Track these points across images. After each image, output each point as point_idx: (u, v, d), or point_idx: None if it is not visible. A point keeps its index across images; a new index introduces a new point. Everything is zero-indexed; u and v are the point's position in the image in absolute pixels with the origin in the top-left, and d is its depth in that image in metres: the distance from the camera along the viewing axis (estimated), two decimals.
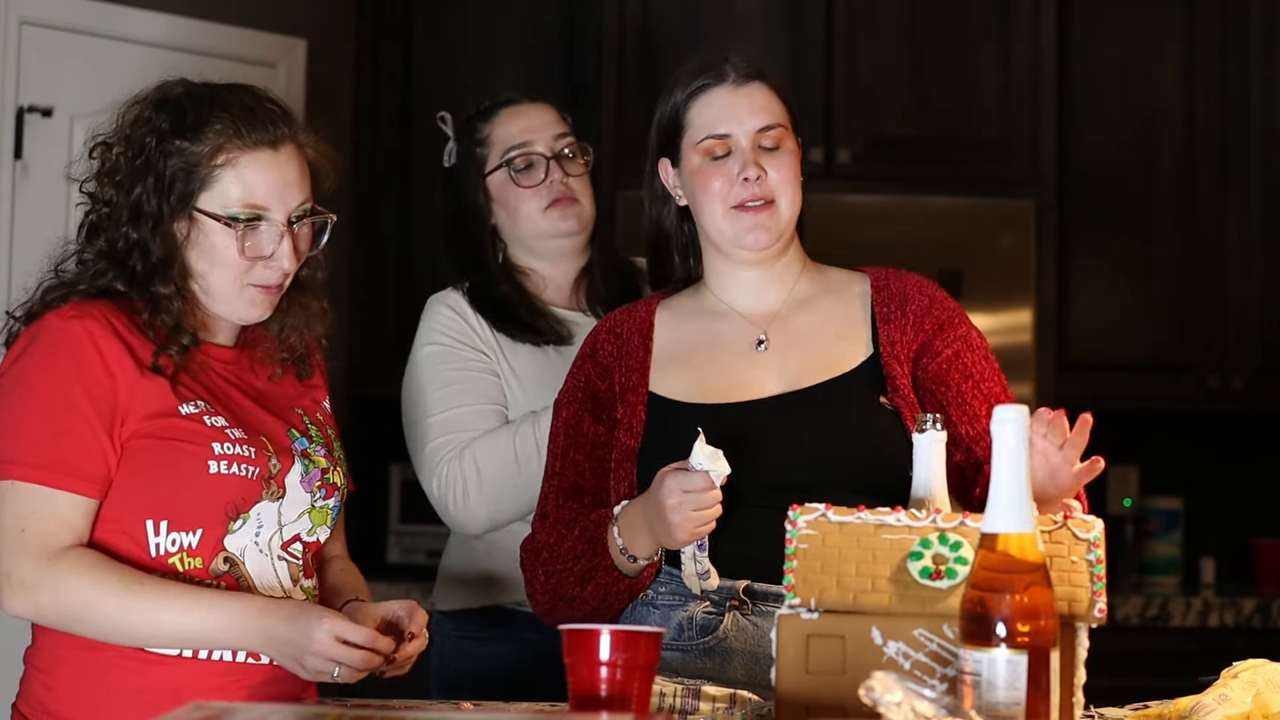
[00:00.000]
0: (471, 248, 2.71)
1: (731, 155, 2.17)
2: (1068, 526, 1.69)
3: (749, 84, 2.18)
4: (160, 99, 2.09)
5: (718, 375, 2.18)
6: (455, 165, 2.74)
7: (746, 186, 2.15)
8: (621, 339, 2.24)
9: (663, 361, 2.21)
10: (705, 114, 2.18)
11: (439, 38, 4.48)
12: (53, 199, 3.70)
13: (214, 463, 2.00)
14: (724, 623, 2.09)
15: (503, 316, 2.65)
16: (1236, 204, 4.54)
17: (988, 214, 4.26)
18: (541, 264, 2.71)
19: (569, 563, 2.12)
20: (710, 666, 2.07)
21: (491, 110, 2.73)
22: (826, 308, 2.23)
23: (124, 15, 3.80)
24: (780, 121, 2.19)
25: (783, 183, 2.17)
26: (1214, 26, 4.56)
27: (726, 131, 2.17)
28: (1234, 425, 4.81)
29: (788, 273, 2.24)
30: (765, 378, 2.17)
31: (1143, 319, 4.53)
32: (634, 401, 2.17)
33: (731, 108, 2.17)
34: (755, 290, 2.22)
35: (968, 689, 1.47)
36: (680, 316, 2.26)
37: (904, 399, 2.15)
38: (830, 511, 1.71)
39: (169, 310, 2.03)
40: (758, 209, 2.16)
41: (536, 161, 2.66)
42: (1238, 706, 1.76)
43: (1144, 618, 4.18)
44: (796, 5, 4.41)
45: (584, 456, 2.19)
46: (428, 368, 2.66)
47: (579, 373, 2.25)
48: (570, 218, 2.66)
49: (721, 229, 2.18)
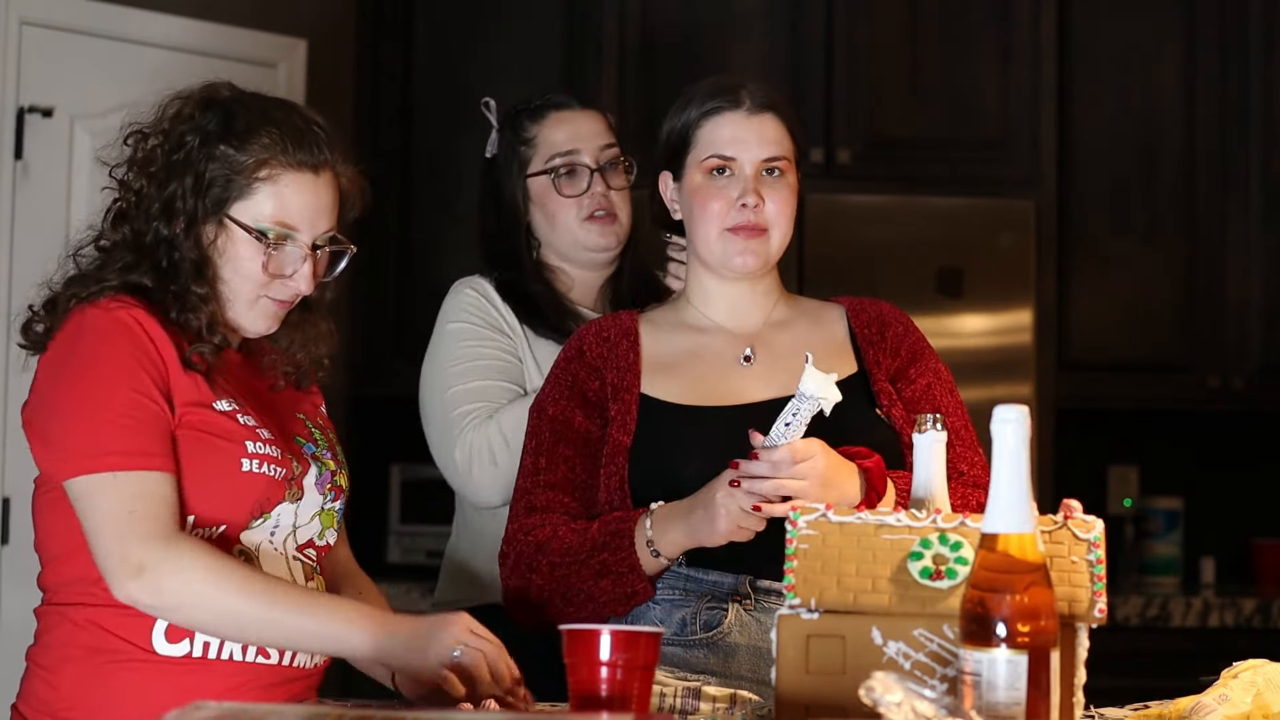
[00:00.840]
0: (506, 242, 2.70)
1: (733, 178, 2.20)
2: (1068, 526, 1.69)
3: (762, 114, 2.22)
4: (206, 99, 2.09)
5: (709, 383, 2.21)
6: (497, 157, 2.73)
7: (743, 212, 2.19)
8: (610, 342, 2.25)
9: (652, 368, 2.23)
10: (715, 135, 2.22)
11: (439, 38, 4.48)
12: (53, 199, 3.70)
13: (246, 461, 2.00)
14: (728, 618, 2.09)
15: (530, 311, 2.65)
16: (1236, 204, 4.54)
17: (988, 214, 4.25)
18: (572, 267, 2.71)
19: (585, 555, 2.11)
20: (715, 662, 2.08)
21: (541, 111, 2.71)
22: (805, 330, 2.28)
23: (124, 15, 3.80)
24: (786, 155, 2.23)
25: (778, 214, 2.21)
26: (1214, 26, 4.56)
27: (733, 155, 2.20)
28: (1234, 425, 4.81)
29: (767, 297, 2.29)
30: (756, 388, 2.20)
31: (1143, 319, 4.53)
32: (628, 400, 2.19)
33: (742, 133, 2.21)
34: (737, 308, 2.27)
35: (968, 689, 1.47)
36: (662, 329, 2.29)
37: (898, 414, 2.21)
38: (830, 511, 1.71)
39: (201, 309, 2.03)
40: (750, 234, 2.19)
41: (580, 171, 2.65)
42: (1238, 706, 1.76)
43: (1144, 618, 4.18)
44: (796, 5, 4.41)
45: (574, 451, 2.19)
46: (452, 342, 2.64)
47: (564, 374, 2.26)
48: (608, 234, 2.66)
49: (713, 249, 2.22)
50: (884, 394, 2.22)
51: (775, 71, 4.39)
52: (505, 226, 2.70)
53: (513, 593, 2.19)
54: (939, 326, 4.11)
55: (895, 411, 2.21)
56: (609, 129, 2.73)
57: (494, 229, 2.73)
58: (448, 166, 4.42)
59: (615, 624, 1.89)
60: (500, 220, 2.71)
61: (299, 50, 4.11)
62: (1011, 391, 4.07)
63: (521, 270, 2.68)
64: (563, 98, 2.73)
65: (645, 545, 2.07)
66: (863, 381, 2.22)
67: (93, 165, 3.76)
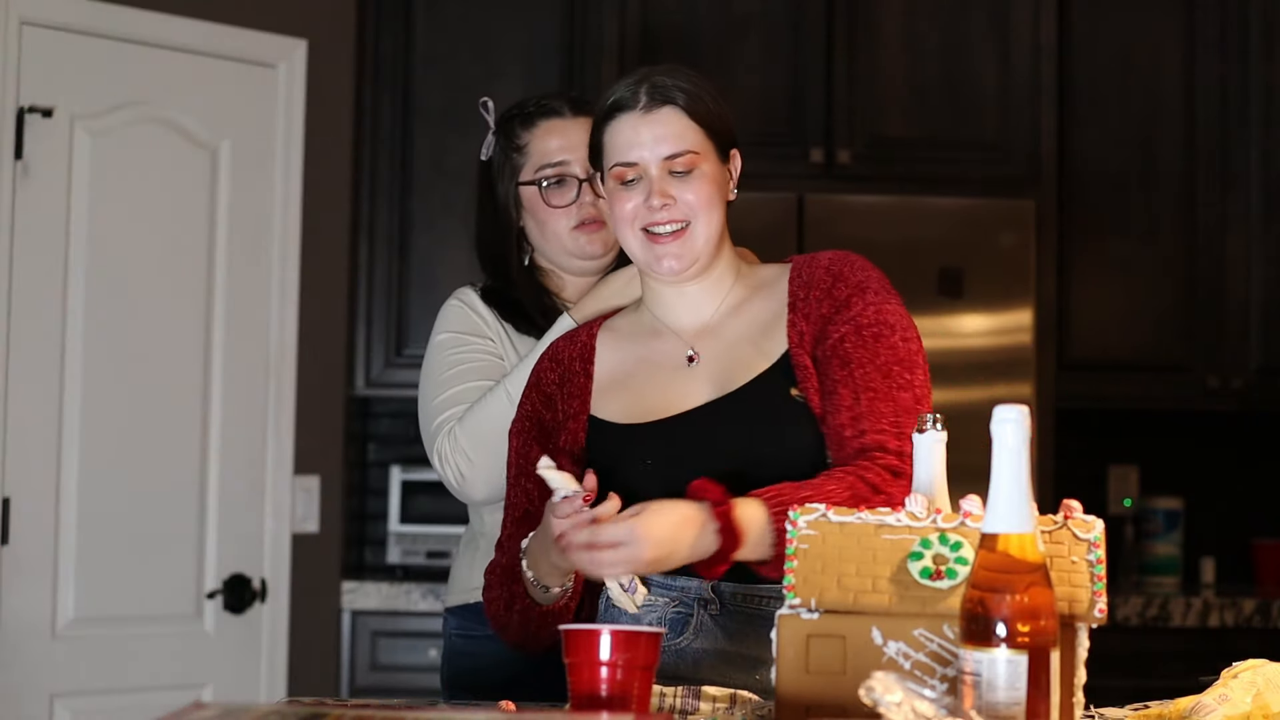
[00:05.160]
0: (497, 246, 2.71)
1: (640, 181, 2.14)
2: (1068, 526, 1.69)
3: (659, 109, 2.13)
4: None
5: (652, 394, 2.17)
6: (492, 160, 2.73)
7: (652, 212, 2.13)
8: (562, 366, 2.24)
9: (603, 386, 2.21)
10: (615, 140, 2.15)
11: (439, 38, 4.48)
12: (53, 199, 3.70)
13: None
14: (692, 623, 2.09)
15: (513, 314, 2.66)
16: (1236, 204, 4.54)
17: (988, 214, 4.25)
18: (564, 270, 2.72)
19: (499, 590, 2.15)
20: (683, 667, 2.07)
21: (533, 119, 2.70)
22: (755, 308, 2.20)
23: (124, 15, 3.80)
24: (691, 147, 2.13)
25: (697, 206, 2.13)
26: (1214, 26, 4.56)
27: (634, 159, 2.13)
28: (1234, 425, 4.81)
29: (719, 284, 2.21)
30: (697, 390, 2.15)
31: (1143, 319, 4.53)
32: (574, 428, 2.18)
33: (638, 135, 2.13)
34: (688, 305, 2.21)
35: (968, 689, 1.47)
36: (619, 338, 2.26)
37: (813, 387, 2.10)
38: (831, 511, 1.71)
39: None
40: (670, 236, 2.13)
41: (569, 182, 2.65)
42: (1238, 706, 1.76)
43: (1144, 618, 4.18)
44: (797, 6, 4.41)
45: (534, 485, 2.16)
46: (436, 355, 2.67)
47: (526, 402, 2.25)
48: (596, 242, 2.66)
49: (636, 254, 2.17)
50: (799, 368, 2.11)
51: (775, 71, 4.40)
52: (498, 230, 2.71)
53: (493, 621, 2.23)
54: (939, 326, 4.11)
55: (810, 385, 2.10)
56: None
57: (489, 231, 2.73)
58: (448, 166, 4.43)
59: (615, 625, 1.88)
60: (494, 223, 2.72)
61: (299, 50, 4.11)
62: (1011, 391, 4.07)
63: (509, 277, 2.68)
64: (556, 103, 2.71)
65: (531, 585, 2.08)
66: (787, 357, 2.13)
67: (93, 165, 3.76)
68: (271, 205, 4.06)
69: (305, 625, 4.09)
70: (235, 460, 3.96)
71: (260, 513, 4.02)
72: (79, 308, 3.73)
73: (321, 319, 4.19)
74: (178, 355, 3.88)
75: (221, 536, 3.92)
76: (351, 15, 4.32)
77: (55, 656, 3.61)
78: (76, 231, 3.74)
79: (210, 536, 3.91)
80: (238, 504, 3.96)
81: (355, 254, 4.41)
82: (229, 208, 3.97)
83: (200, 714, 1.48)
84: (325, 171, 4.20)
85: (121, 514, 3.75)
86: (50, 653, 3.60)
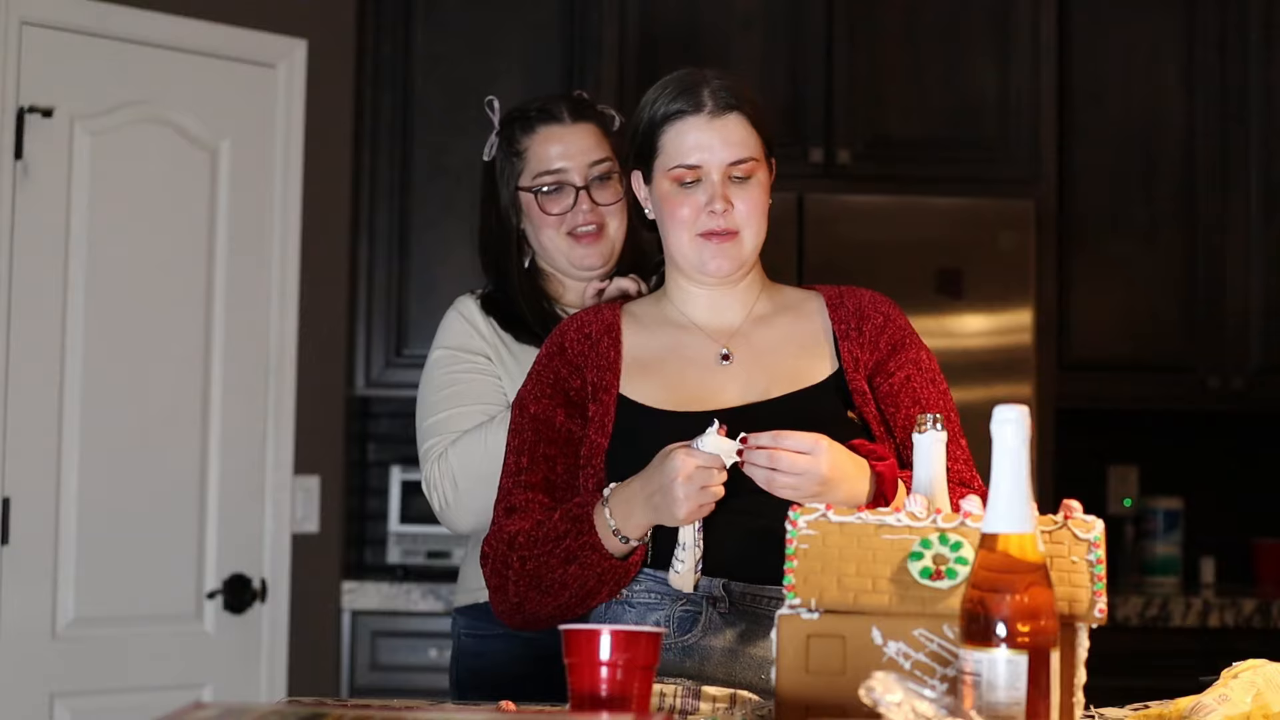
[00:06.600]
0: (499, 247, 2.71)
1: (700, 184, 2.17)
2: (1068, 526, 1.69)
3: (726, 115, 2.17)
4: None
5: (687, 385, 2.18)
6: (494, 162, 2.73)
7: (713, 218, 2.16)
8: (591, 339, 2.24)
9: (632, 366, 2.22)
10: (678, 142, 2.17)
11: (439, 38, 4.48)
12: (53, 199, 3.70)
13: None
14: (701, 621, 2.09)
15: (512, 322, 2.65)
16: (1236, 204, 4.54)
17: (988, 214, 4.25)
18: (563, 275, 2.71)
19: (550, 545, 2.10)
20: (690, 665, 2.07)
21: (532, 124, 2.69)
22: (786, 324, 2.25)
23: (124, 15, 3.80)
24: (753, 154, 2.18)
25: (749, 215, 2.18)
26: (1214, 26, 4.56)
27: (698, 162, 2.16)
28: (1234, 425, 4.81)
29: (748, 293, 2.26)
30: (732, 390, 2.18)
31: (1143, 319, 4.53)
32: (607, 401, 2.18)
33: (706, 139, 2.16)
34: (716, 308, 2.24)
35: (968, 689, 1.47)
36: (644, 324, 2.27)
37: (870, 413, 2.17)
38: (831, 511, 1.71)
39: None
40: (722, 238, 2.17)
41: (565, 189, 2.65)
42: (1238, 706, 1.76)
43: (1144, 618, 4.18)
44: (796, 5, 4.41)
45: (557, 451, 2.18)
46: (430, 374, 2.67)
47: (546, 370, 2.24)
48: (592, 253, 2.65)
49: (686, 254, 2.20)
50: (858, 393, 2.18)
51: (775, 71, 4.40)
52: (500, 231, 2.71)
53: (495, 591, 2.18)
54: (939, 326, 4.11)
55: (869, 411, 2.17)
56: (602, 140, 2.70)
57: (491, 232, 2.73)
58: (448, 166, 4.43)
59: (615, 625, 1.88)
60: (496, 224, 2.72)
61: (299, 50, 4.11)
62: (1011, 391, 4.07)
63: (509, 281, 2.68)
64: (556, 109, 2.70)
65: (610, 534, 2.06)
66: (839, 380, 2.19)
67: (93, 165, 3.76)
68: (271, 205, 4.06)
69: (305, 625, 4.09)
70: (235, 460, 3.96)
71: (260, 513, 4.01)
72: (79, 308, 3.72)
73: (321, 319, 4.19)
74: (178, 355, 3.88)
75: (221, 536, 3.92)
76: (351, 15, 4.33)
77: (55, 656, 3.61)
78: (76, 231, 3.74)
79: (210, 536, 3.91)
80: (238, 504, 3.96)
81: (355, 254, 4.41)
82: (229, 208, 3.97)
83: (200, 714, 1.48)
84: (325, 171, 4.20)
85: (121, 514, 3.75)
86: (50, 653, 3.60)
